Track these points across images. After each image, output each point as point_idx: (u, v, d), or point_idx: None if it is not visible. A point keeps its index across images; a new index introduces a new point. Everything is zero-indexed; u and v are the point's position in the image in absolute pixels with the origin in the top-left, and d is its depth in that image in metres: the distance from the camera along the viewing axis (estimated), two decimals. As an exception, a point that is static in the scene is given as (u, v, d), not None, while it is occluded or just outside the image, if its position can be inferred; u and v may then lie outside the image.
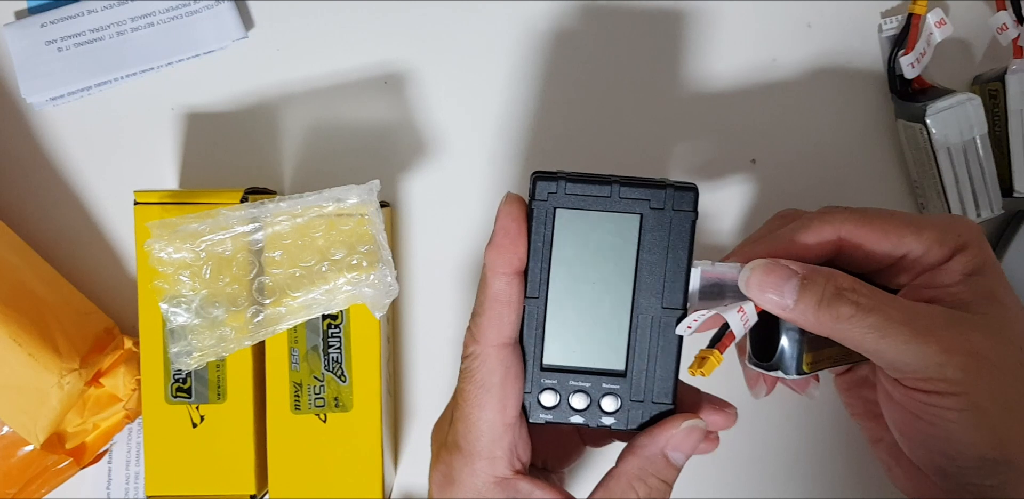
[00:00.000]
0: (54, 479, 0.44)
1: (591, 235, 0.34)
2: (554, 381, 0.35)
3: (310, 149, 0.47)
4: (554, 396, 0.35)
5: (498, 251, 0.33)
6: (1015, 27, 0.44)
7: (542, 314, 0.34)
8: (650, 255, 0.34)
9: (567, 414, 0.35)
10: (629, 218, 0.34)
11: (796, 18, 0.47)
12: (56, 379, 0.41)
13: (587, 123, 0.47)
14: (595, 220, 0.34)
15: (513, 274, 0.33)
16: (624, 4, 0.47)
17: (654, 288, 0.35)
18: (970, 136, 0.43)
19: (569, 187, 0.34)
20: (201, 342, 0.39)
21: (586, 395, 0.35)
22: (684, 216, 0.34)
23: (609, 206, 0.34)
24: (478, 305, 0.33)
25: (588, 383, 0.35)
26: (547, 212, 0.34)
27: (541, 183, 0.34)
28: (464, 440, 0.33)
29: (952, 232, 0.33)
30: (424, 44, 0.47)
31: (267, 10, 0.47)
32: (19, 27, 0.45)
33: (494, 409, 0.33)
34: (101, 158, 0.47)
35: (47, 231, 0.47)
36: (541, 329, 0.35)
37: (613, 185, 0.34)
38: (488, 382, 0.33)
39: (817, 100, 0.47)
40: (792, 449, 0.48)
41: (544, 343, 0.35)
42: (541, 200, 0.34)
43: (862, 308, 0.31)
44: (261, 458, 0.42)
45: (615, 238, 0.34)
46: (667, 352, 0.35)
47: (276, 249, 0.40)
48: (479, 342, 0.33)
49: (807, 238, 0.34)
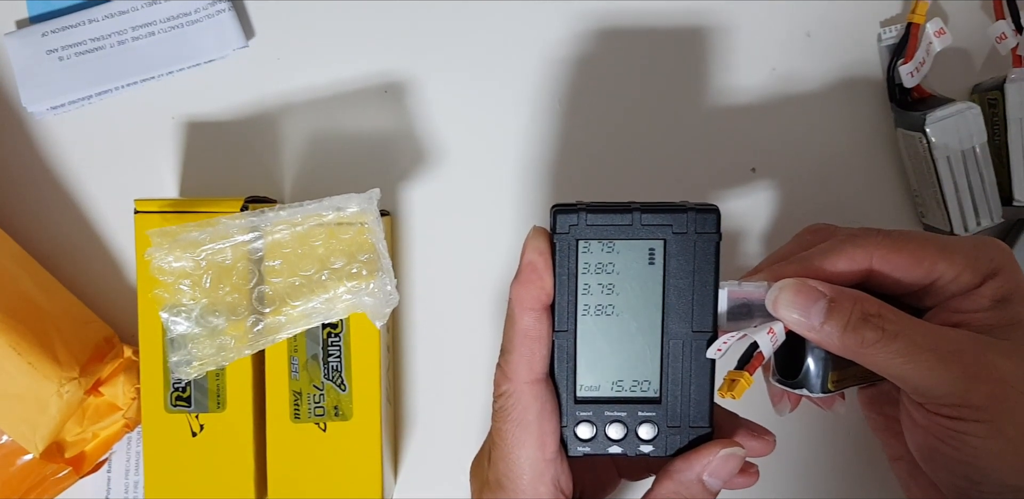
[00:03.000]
0: (53, 488, 0.44)
1: (616, 264, 0.34)
2: (589, 413, 0.35)
3: (310, 158, 0.47)
4: (590, 428, 0.35)
5: (525, 287, 0.33)
6: (1014, 36, 0.44)
7: (572, 347, 0.34)
8: (676, 280, 0.34)
9: (605, 445, 0.35)
10: (653, 244, 0.34)
11: (795, 27, 0.47)
12: (56, 388, 0.41)
13: (588, 132, 0.47)
14: (619, 249, 0.34)
15: (541, 310, 0.33)
16: (625, 14, 0.47)
17: (683, 312, 0.34)
18: (970, 145, 0.43)
19: (590, 218, 0.34)
20: (201, 351, 0.39)
21: (622, 425, 0.35)
22: (708, 238, 0.34)
23: (632, 234, 0.34)
24: (507, 342, 0.33)
25: (624, 412, 0.35)
26: (570, 245, 0.34)
27: (561, 216, 0.34)
28: (507, 479, 0.33)
29: (984, 257, 0.33)
30: (424, 53, 0.47)
31: (268, 19, 0.47)
32: (20, 36, 0.45)
33: (533, 446, 0.32)
34: (101, 167, 0.47)
35: (47, 239, 0.47)
36: (572, 362, 0.34)
37: (634, 213, 0.34)
38: (524, 420, 0.32)
39: (816, 109, 0.47)
40: (812, 458, 0.48)
41: (576, 375, 0.35)
42: (563, 233, 0.34)
43: (888, 333, 0.31)
44: (260, 467, 0.42)
45: (640, 265, 0.34)
46: (700, 376, 0.35)
47: (276, 258, 0.40)
48: (511, 380, 0.33)
49: (839, 264, 0.34)
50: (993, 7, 0.45)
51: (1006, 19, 0.44)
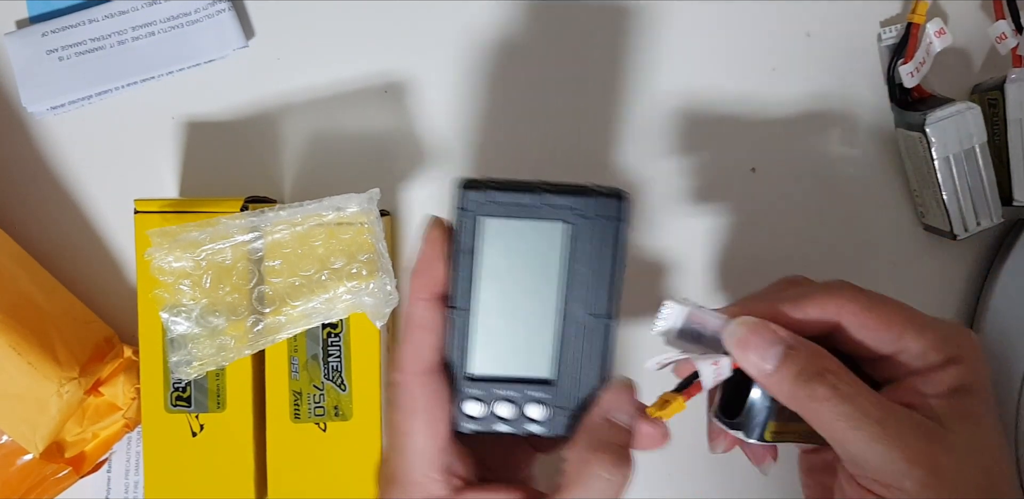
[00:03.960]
0: (53, 488, 0.44)
1: (519, 244, 0.34)
2: (479, 391, 0.34)
3: (310, 158, 0.47)
4: (479, 406, 0.34)
5: (418, 277, 0.33)
6: (1014, 36, 0.44)
7: (467, 325, 0.34)
8: (578, 264, 0.34)
9: (492, 423, 0.35)
10: (556, 226, 0.34)
11: (795, 27, 0.47)
12: (56, 388, 0.41)
13: (588, 131, 0.47)
14: (522, 228, 0.34)
15: (433, 299, 0.33)
16: (625, 15, 0.47)
17: (582, 296, 0.34)
18: (969, 145, 0.43)
19: (495, 196, 0.33)
20: (201, 351, 0.39)
21: (512, 404, 0.35)
22: (610, 224, 0.34)
23: (536, 214, 0.34)
24: (400, 333, 0.33)
25: (514, 392, 0.35)
26: (474, 221, 0.33)
27: (466, 191, 0.33)
28: (399, 471, 0.32)
29: (953, 341, 0.32)
30: (424, 53, 0.47)
31: (268, 19, 0.47)
32: (20, 36, 0.45)
33: (424, 435, 0.32)
34: (102, 167, 0.47)
35: (47, 239, 0.47)
36: (465, 339, 0.34)
37: (539, 193, 0.34)
38: (412, 408, 0.32)
39: (817, 109, 0.47)
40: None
41: (469, 354, 0.34)
42: (466, 209, 0.33)
43: (839, 393, 0.30)
44: (260, 467, 0.42)
45: (542, 247, 0.34)
46: (594, 359, 0.34)
47: (276, 258, 0.40)
48: (401, 370, 0.33)
49: (808, 311, 0.33)
50: (993, 7, 0.45)
51: (1006, 19, 0.44)
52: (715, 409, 0.36)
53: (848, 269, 0.47)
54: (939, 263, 0.47)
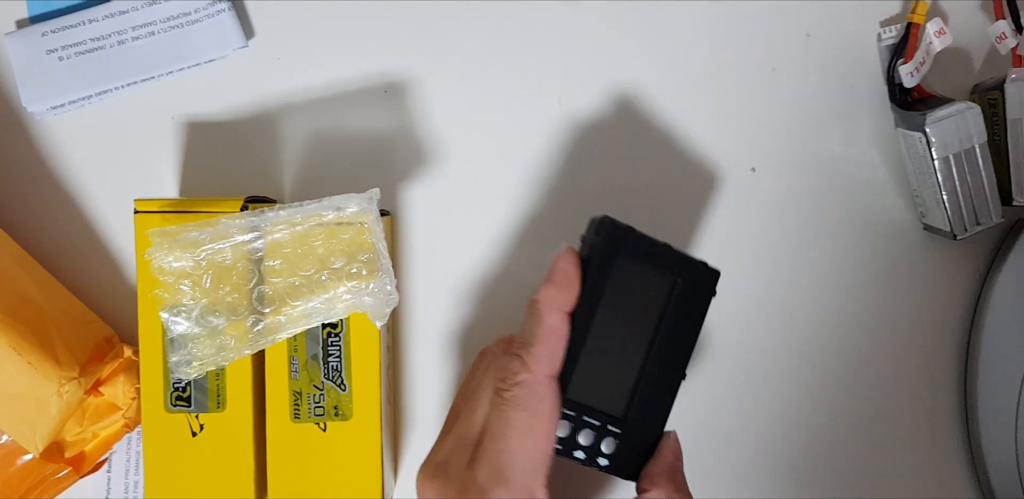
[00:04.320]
0: (53, 488, 0.44)
1: (636, 284, 0.37)
2: (572, 414, 0.37)
3: (310, 158, 0.47)
4: (567, 428, 0.37)
5: (558, 290, 0.35)
6: (1014, 36, 0.44)
7: (579, 350, 0.36)
8: (672, 318, 0.38)
9: (572, 448, 0.37)
10: (671, 279, 0.38)
11: (795, 27, 0.47)
12: (55, 388, 0.41)
13: (586, 131, 0.47)
14: (644, 272, 0.37)
15: (566, 313, 0.35)
16: (625, 14, 0.47)
17: (666, 348, 0.38)
18: (969, 145, 0.43)
19: (629, 239, 0.37)
20: (201, 351, 0.39)
21: (593, 434, 0.37)
22: (705, 293, 0.39)
23: (659, 264, 0.38)
24: (530, 336, 0.35)
25: (597, 422, 0.37)
26: (606, 257, 0.37)
27: (607, 228, 0.37)
28: (509, 470, 0.33)
29: None
30: (424, 53, 0.47)
31: (268, 19, 0.47)
32: (20, 36, 0.45)
33: (541, 436, 0.33)
34: (101, 167, 0.47)
35: (47, 239, 0.47)
36: (574, 364, 0.36)
37: (664, 249, 0.38)
38: (539, 411, 0.33)
39: (817, 109, 0.47)
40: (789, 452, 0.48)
41: (573, 377, 0.36)
42: (603, 244, 0.37)
43: None
44: (260, 467, 0.42)
45: (653, 293, 0.38)
46: (660, 408, 0.38)
47: (276, 258, 0.40)
48: (533, 371, 0.34)
49: None
50: (993, 7, 0.45)
51: (1006, 19, 0.44)
52: None
53: (848, 269, 0.47)
54: (939, 263, 0.48)
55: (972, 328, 0.47)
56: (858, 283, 0.47)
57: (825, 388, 0.47)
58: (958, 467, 0.48)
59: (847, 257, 0.47)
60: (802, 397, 0.47)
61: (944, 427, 0.48)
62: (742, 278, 0.47)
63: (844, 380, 0.47)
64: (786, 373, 0.47)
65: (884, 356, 0.47)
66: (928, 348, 0.47)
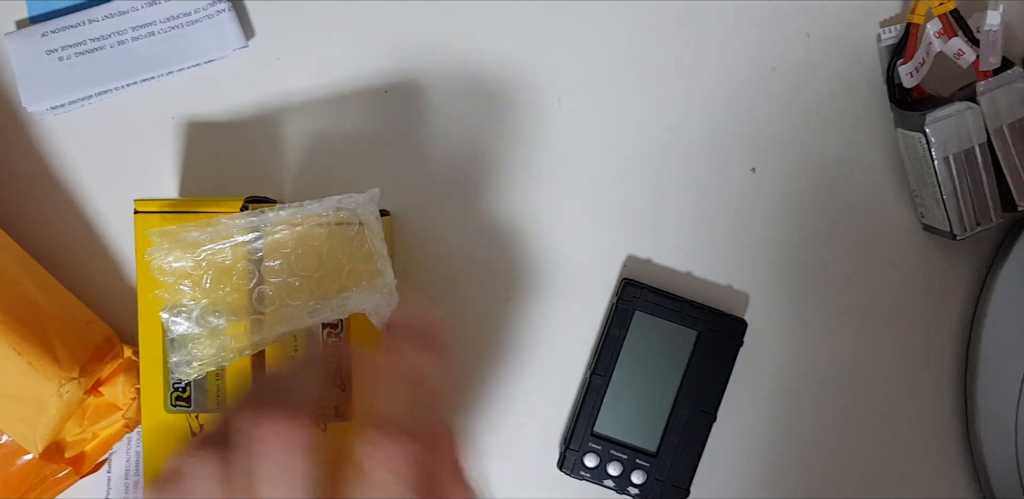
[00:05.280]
0: (53, 488, 0.44)
1: (658, 337, 0.44)
2: (599, 447, 0.43)
3: (310, 158, 0.47)
4: (595, 460, 0.43)
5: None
6: (971, 51, 0.43)
7: (604, 389, 0.44)
8: (698, 365, 0.44)
9: (602, 477, 0.44)
10: (691, 332, 0.44)
11: (795, 27, 0.47)
12: (55, 388, 0.41)
13: (587, 131, 0.47)
14: (664, 327, 0.44)
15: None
16: (624, 14, 0.47)
17: (695, 393, 0.44)
18: (969, 145, 0.43)
19: (650, 296, 0.44)
20: (201, 351, 0.39)
21: (621, 465, 0.43)
22: (732, 343, 0.44)
23: (678, 319, 0.44)
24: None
25: (625, 455, 0.43)
26: (628, 311, 0.44)
27: (629, 288, 0.44)
28: None
29: None
30: (424, 53, 0.47)
31: (268, 19, 0.47)
32: (20, 36, 0.45)
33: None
34: (101, 167, 0.47)
35: (47, 240, 0.47)
36: (600, 400, 0.44)
37: (684, 304, 0.44)
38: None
39: (816, 109, 0.47)
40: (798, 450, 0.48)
41: (599, 413, 0.44)
42: (626, 301, 0.44)
43: None
44: (260, 467, 0.42)
45: (676, 345, 0.44)
46: (694, 446, 0.44)
47: (276, 258, 0.40)
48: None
49: None
50: (943, 27, 0.44)
51: (958, 35, 0.44)
52: None
53: (848, 269, 0.47)
54: (939, 263, 0.47)
55: (972, 328, 0.47)
56: (858, 283, 0.47)
57: (824, 388, 0.47)
58: (958, 467, 0.47)
59: (847, 257, 0.47)
60: (801, 397, 0.47)
61: (944, 427, 0.48)
62: (742, 278, 0.47)
63: (843, 380, 0.47)
64: (785, 372, 0.47)
65: (884, 356, 0.47)
66: (928, 348, 0.47)
